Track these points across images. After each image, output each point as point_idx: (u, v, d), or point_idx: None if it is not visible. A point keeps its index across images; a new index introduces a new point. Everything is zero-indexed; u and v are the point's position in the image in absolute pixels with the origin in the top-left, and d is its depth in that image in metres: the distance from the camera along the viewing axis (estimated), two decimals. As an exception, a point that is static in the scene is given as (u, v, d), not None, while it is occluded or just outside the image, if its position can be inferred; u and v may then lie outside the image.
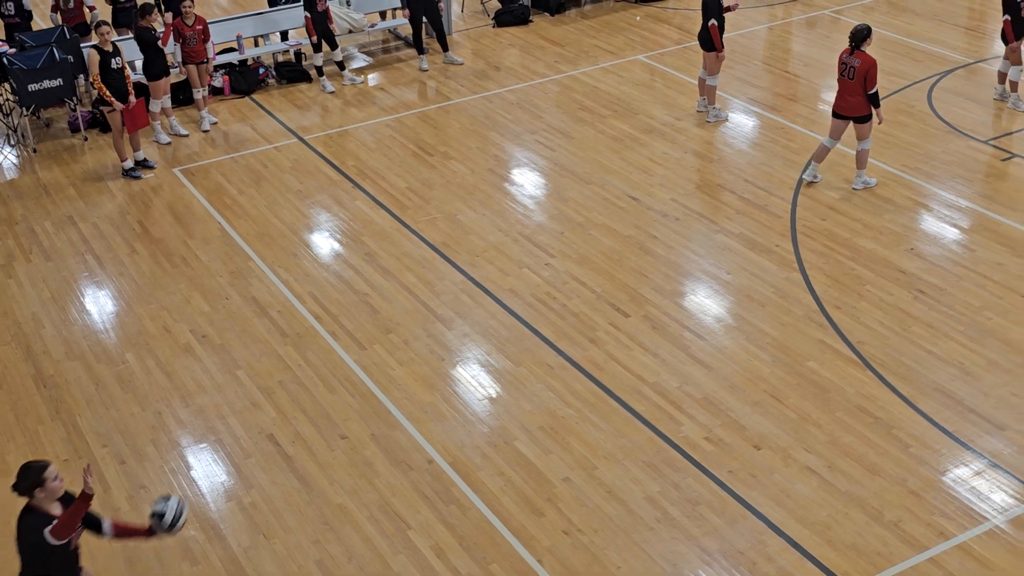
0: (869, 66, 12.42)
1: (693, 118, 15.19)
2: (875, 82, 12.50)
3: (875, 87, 12.53)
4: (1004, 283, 11.32)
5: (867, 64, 12.42)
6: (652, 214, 12.96)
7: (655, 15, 19.00)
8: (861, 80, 12.47)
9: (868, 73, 12.43)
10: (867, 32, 12.50)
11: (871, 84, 12.49)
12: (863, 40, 12.48)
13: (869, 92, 12.53)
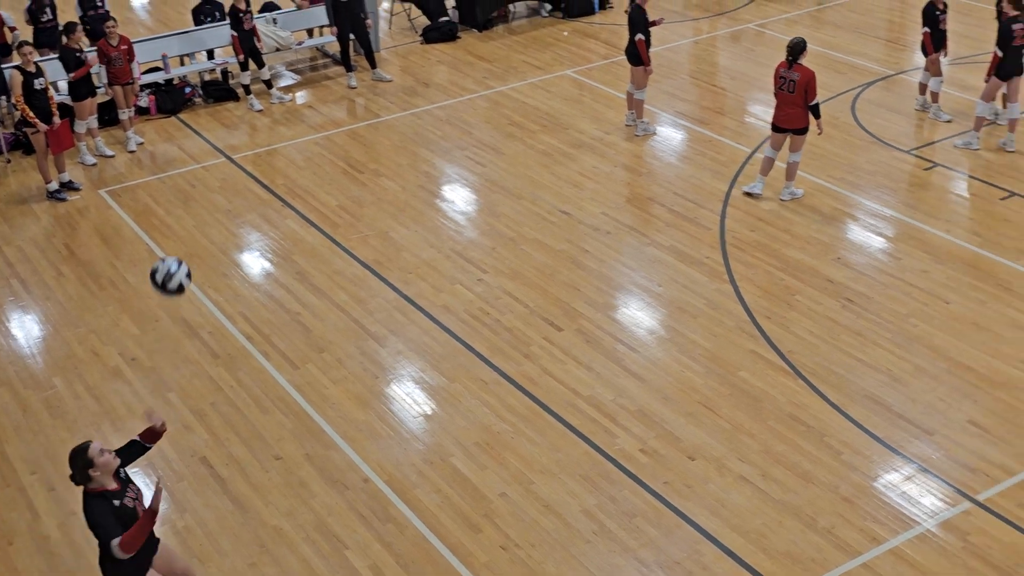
0: (809, 78, 12.63)
1: (622, 132, 15.30)
2: (815, 93, 12.71)
3: (816, 98, 12.73)
4: (929, 290, 11.52)
5: (807, 76, 12.63)
6: (583, 228, 13.03)
7: (582, 30, 19.13)
8: (802, 92, 12.66)
9: (808, 85, 12.63)
10: (804, 45, 12.69)
11: (812, 96, 12.69)
12: (800, 53, 12.67)
13: (811, 104, 12.72)
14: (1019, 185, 13.37)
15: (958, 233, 12.54)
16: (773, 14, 19.27)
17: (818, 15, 19.24)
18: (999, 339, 10.72)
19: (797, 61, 12.68)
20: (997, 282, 11.60)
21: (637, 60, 14.74)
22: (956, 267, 11.90)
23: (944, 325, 10.97)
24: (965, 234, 12.53)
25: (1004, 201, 13.11)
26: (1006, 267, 11.84)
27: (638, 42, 14.56)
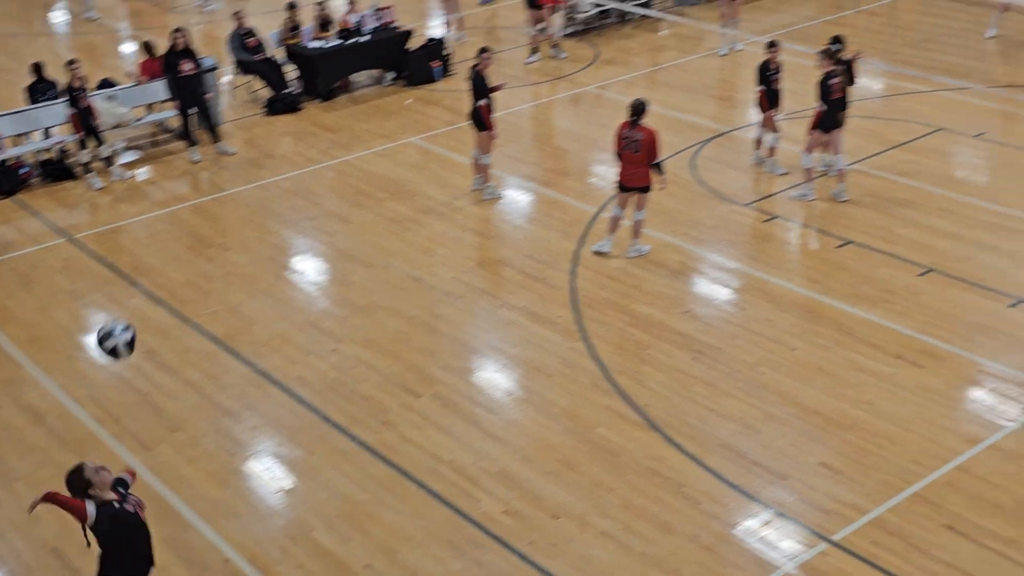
0: (652, 137, 12.95)
1: (469, 197, 15.44)
2: (658, 152, 13.04)
3: (658, 157, 13.06)
4: (775, 338, 11.87)
5: (650, 136, 12.95)
6: (436, 293, 13.06)
7: (425, 98, 19.30)
8: (646, 151, 12.98)
9: (652, 144, 12.95)
10: (645, 106, 13.02)
11: (655, 154, 13.01)
12: (642, 113, 12.99)
13: (654, 162, 13.04)
14: (853, 233, 13.91)
15: (799, 281, 12.97)
16: (611, 76, 19.76)
17: (653, 76, 19.80)
18: (843, 382, 11.08)
19: (639, 121, 13.02)
20: (838, 327, 12.01)
21: (481, 125, 14.94)
22: (799, 315, 12.29)
23: (791, 371, 11.30)
24: (805, 282, 12.96)
25: (839, 249, 13.61)
26: (845, 312, 12.27)
27: (481, 107, 14.76)
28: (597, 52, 21.07)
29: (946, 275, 12.90)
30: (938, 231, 13.89)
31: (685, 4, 23.50)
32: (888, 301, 12.44)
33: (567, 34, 21.99)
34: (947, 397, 10.83)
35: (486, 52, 14.92)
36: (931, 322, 12.01)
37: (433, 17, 23.51)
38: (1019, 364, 11.24)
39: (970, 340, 11.69)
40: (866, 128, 16.79)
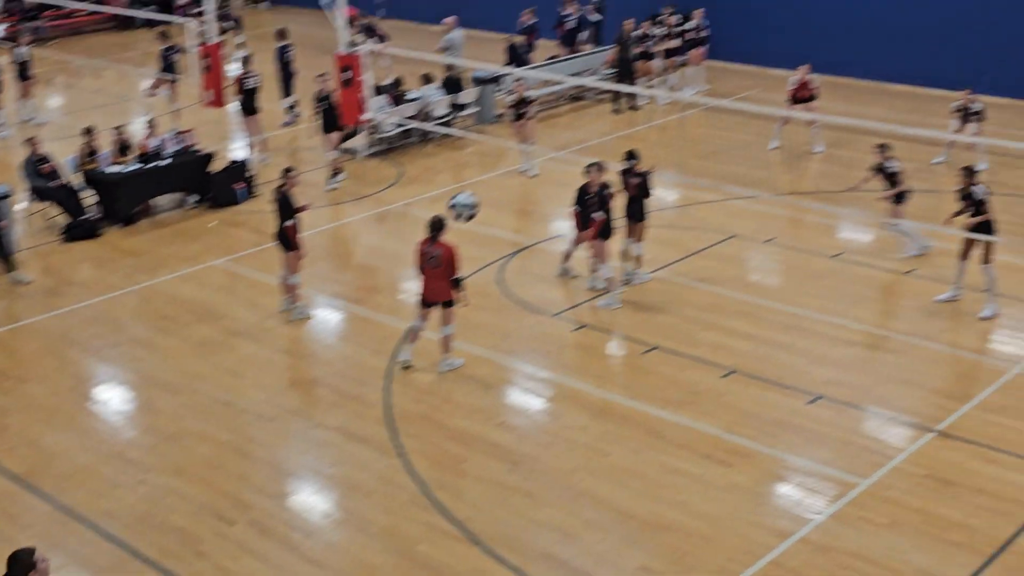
0: (452, 253, 13.10)
1: (278, 318, 15.27)
2: (458, 267, 13.20)
3: (459, 272, 13.21)
4: (589, 445, 12.04)
5: (449, 251, 13.09)
6: (248, 416, 12.80)
7: (229, 220, 19.11)
8: (446, 267, 13.10)
9: (451, 259, 13.09)
10: (444, 222, 13.21)
11: (455, 270, 13.16)
12: (441, 230, 13.15)
13: (453, 278, 13.18)
14: (658, 338, 14.31)
15: (609, 388, 13.23)
16: (415, 194, 19.99)
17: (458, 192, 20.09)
18: (657, 484, 11.29)
19: (438, 238, 13.17)
20: (648, 430, 12.27)
21: (288, 245, 14.86)
22: (611, 420, 12.51)
23: (606, 476, 11.46)
24: (616, 388, 13.24)
25: (646, 354, 13.98)
26: (655, 416, 12.56)
27: (288, 228, 14.71)
28: (401, 171, 21.32)
29: (747, 375, 13.37)
30: (737, 333, 14.43)
31: (485, 122, 24.07)
32: (694, 403, 12.80)
33: (371, 153, 22.20)
34: (755, 493, 11.15)
35: (291, 172, 14.93)
36: (736, 421, 12.40)
37: (235, 139, 23.41)
38: (820, 458, 11.69)
39: (773, 437, 12.11)
40: (665, 237, 17.41)
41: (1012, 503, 10.86)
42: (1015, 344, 14.06)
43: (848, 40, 26.83)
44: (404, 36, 31.18)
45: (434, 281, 13.28)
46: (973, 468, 11.45)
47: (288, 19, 35.85)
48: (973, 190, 14.38)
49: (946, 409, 12.55)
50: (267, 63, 24.90)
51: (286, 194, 14.77)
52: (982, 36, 25.00)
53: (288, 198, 14.76)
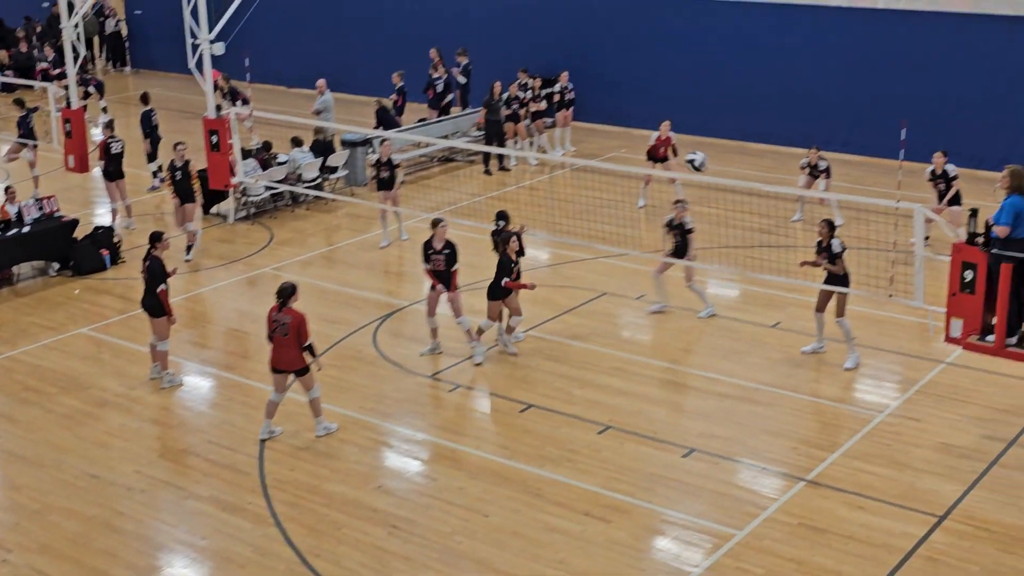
0: (300, 321, 12.91)
1: (147, 386, 14.92)
2: (308, 334, 13.00)
3: (309, 339, 13.02)
4: (468, 506, 11.99)
5: (298, 319, 12.90)
6: (116, 489, 12.44)
7: (95, 287, 18.65)
8: (295, 334, 12.91)
9: (300, 327, 12.90)
10: (293, 289, 13.01)
11: (304, 337, 12.97)
12: (290, 297, 12.96)
13: (304, 345, 13.00)
14: (534, 397, 14.37)
15: (487, 448, 13.22)
16: (287, 257, 19.82)
17: (330, 255, 20.02)
18: (536, 544, 11.29)
19: (287, 304, 12.98)
20: (527, 489, 12.29)
21: (158, 311, 14.56)
22: (489, 480, 12.49)
23: (486, 538, 11.41)
24: (493, 448, 13.23)
25: (522, 413, 14.02)
26: (533, 474, 12.59)
27: (160, 293, 14.43)
28: (272, 234, 21.13)
29: (623, 431, 13.51)
30: (612, 389, 14.58)
31: (356, 185, 24.03)
32: (572, 460, 12.87)
33: (241, 217, 21.96)
34: (634, 548, 11.23)
35: (162, 237, 14.68)
36: (613, 477, 12.50)
37: (99, 205, 22.94)
38: (696, 511, 11.84)
39: (650, 491, 12.23)
40: (537, 296, 17.53)
41: (881, 548, 11.13)
42: (878, 393, 14.49)
43: (708, 101, 27.60)
44: (271, 99, 31.05)
45: (283, 349, 13.04)
46: (843, 515, 11.72)
47: (150, 83, 35.44)
48: (832, 243, 14.84)
49: (815, 458, 12.84)
50: (131, 127, 24.52)
51: (158, 259, 14.51)
52: (834, 98, 25.96)
53: (160, 263, 14.50)
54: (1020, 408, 13.80)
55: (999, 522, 11.56)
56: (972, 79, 24.37)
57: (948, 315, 12.80)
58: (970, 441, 13.17)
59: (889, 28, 25.36)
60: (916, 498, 12.02)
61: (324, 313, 17.18)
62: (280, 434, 13.48)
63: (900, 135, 17.27)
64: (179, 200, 19.71)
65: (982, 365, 14.60)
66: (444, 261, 15.24)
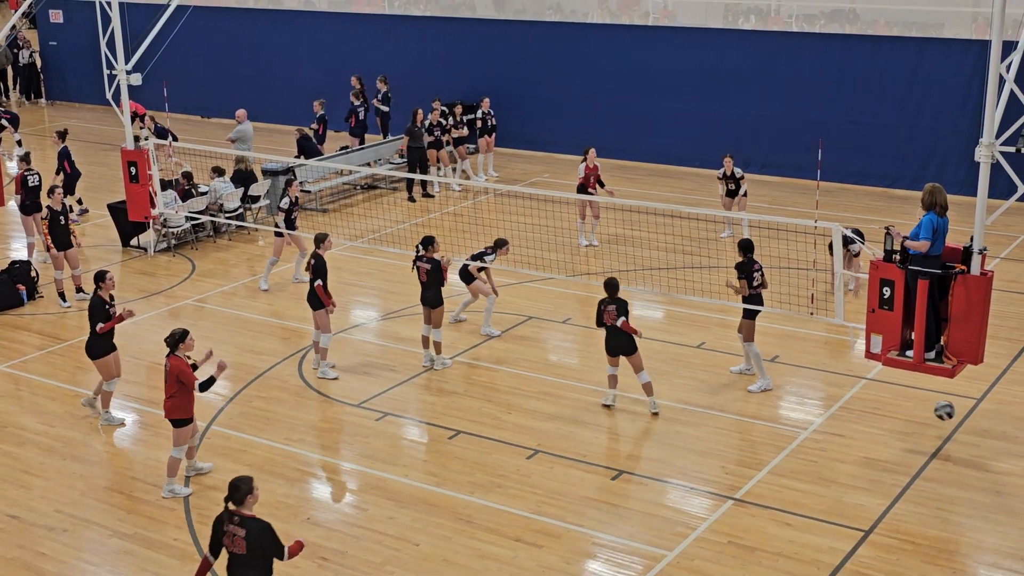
0: (177, 369, 12.38)
1: (68, 423, 14.64)
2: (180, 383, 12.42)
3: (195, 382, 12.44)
4: (398, 535, 11.90)
5: (175, 367, 12.38)
6: (37, 530, 12.17)
7: (11, 323, 18.28)
8: (174, 382, 12.43)
9: (181, 374, 12.37)
10: (182, 336, 12.47)
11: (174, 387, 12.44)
12: (177, 344, 12.44)
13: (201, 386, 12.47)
14: (462, 423, 14.34)
15: (415, 476, 13.14)
16: (209, 289, 19.60)
17: (253, 285, 19.82)
18: (468, 571, 11.24)
19: (172, 353, 12.50)
20: (457, 516, 12.23)
21: (96, 352, 14.27)
22: (419, 508, 12.42)
23: (417, 567, 11.34)
24: (422, 476, 13.16)
25: (451, 440, 13.98)
26: (463, 501, 12.54)
27: (100, 330, 14.13)
28: (193, 265, 20.89)
29: (552, 455, 13.51)
30: (540, 413, 14.59)
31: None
32: (501, 486, 12.84)
33: (162, 249, 21.69)
34: (566, 573, 11.22)
35: (105, 277, 14.23)
36: (543, 501, 12.49)
37: (15, 239, 22.52)
38: (627, 533, 11.87)
39: (581, 514, 12.24)
40: (463, 321, 17.54)
41: (809, 564, 11.24)
42: (802, 410, 14.67)
43: (628, 126, 27.87)
44: (190, 130, 30.76)
45: (167, 399, 12.64)
46: (771, 532, 11.82)
47: (67, 114, 34.99)
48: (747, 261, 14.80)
49: (742, 476, 12.95)
50: (47, 160, 24.13)
51: (99, 298, 14.20)
52: (752, 120, 26.35)
53: (99, 302, 14.20)
54: (940, 421, 14.05)
55: (923, 534, 11.74)
56: (885, 100, 24.90)
57: (868, 331, 13.03)
58: (893, 455, 13.37)
59: (804, 51, 25.84)
60: (842, 513, 12.16)
61: (248, 344, 17.01)
62: (209, 470, 13.29)
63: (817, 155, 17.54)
64: (56, 247, 18.49)
65: (902, 380, 14.85)
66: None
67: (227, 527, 9.26)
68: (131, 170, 20.06)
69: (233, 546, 9.20)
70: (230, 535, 9.20)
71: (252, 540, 9.11)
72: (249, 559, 9.14)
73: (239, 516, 9.23)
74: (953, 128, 23.99)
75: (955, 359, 12.66)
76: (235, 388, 15.50)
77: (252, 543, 9.10)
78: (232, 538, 9.19)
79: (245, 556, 9.13)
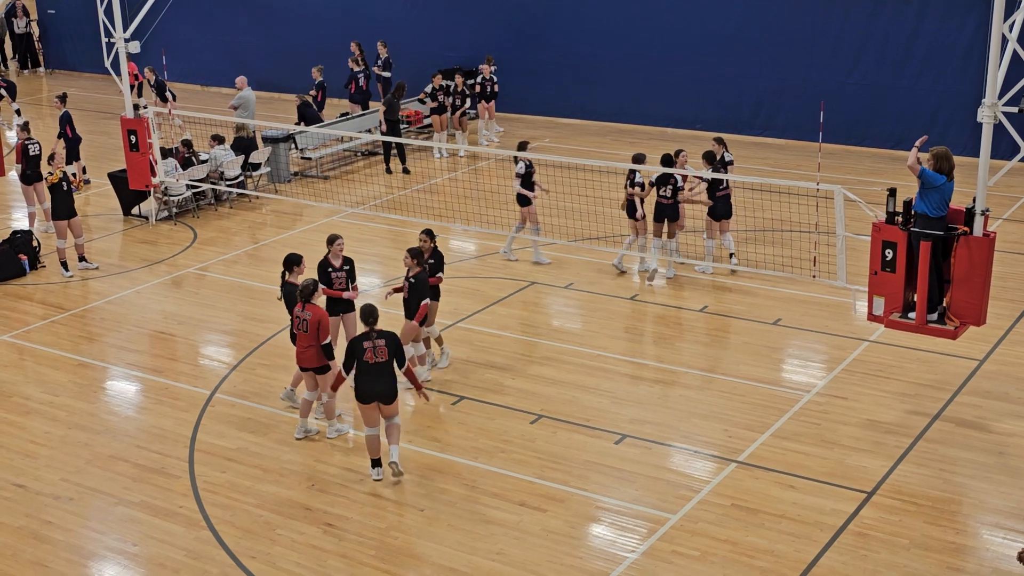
0: (320, 317, 12.68)
1: (69, 392, 14.68)
2: (328, 333, 12.77)
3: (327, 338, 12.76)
4: (402, 501, 11.96)
5: (318, 316, 12.66)
6: (43, 499, 12.22)
7: (14, 293, 18.30)
8: (315, 331, 12.69)
9: (320, 324, 12.66)
10: (314, 287, 12.78)
11: (324, 335, 12.73)
12: (312, 295, 12.72)
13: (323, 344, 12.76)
14: (466, 389, 14.36)
15: (420, 441, 13.18)
16: (211, 257, 19.59)
17: (256, 253, 19.82)
18: (473, 536, 11.29)
19: (310, 301, 12.72)
20: (461, 482, 12.28)
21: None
22: (424, 474, 12.46)
23: (422, 532, 11.39)
24: (426, 441, 13.19)
25: (455, 406, 14.01)
26: (467, 466, 12.58)
27: None
28: (195, 233, 20.88)
29: (555, 419, 13.55)
30: (543, 379, 14.62)
31: (279, 181, 23.82)
32: (505, 451, 12.88)
33: (163, 217, 21.67)
34: (571, 536, 11.27)
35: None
36: (547, 466, 12.53)
37: (16, 209, 22.51)
38: (631, 496, 11.91)
39: (584, 479, 12.28)
40: (466, 287, 17.54)
41: (812, 526, 11.29)
42: (805, 373, 14.69)
43: (629, 88, 27.76)
44: (189, 98, 30.67)
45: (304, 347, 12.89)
46: (774, 495, 11.86)
47: (65, 83, 34.86)
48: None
49: (745, 439, 12.99)
50: (46, 129, 24.06)
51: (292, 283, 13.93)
52: (754, 82, 26.23)
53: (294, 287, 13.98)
54: (942, 383, 14.08)
55: (926, 495, 11.78)
56: (887, 61, 24.78)
57: (870, 293, 13.03)
58: (896, 417, 13.40)
59: (806, 12, 25.67)
60: (845, 475, 12.20)
61: (251, 312, 17.02)
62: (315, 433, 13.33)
63: (819, 118, 17.48)
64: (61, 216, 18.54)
65: (905, 342, 14.87)
66: (346, 279, 14.15)
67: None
68: (131, 138, 20.00)
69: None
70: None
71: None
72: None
73: (376, 332, 11.93)
74: (955, 89, 23.88)
75: (957, 321, 12.66)
76: (238, 356, 15.52)
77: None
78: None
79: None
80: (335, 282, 14.03)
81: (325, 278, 13.96)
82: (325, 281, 13.95)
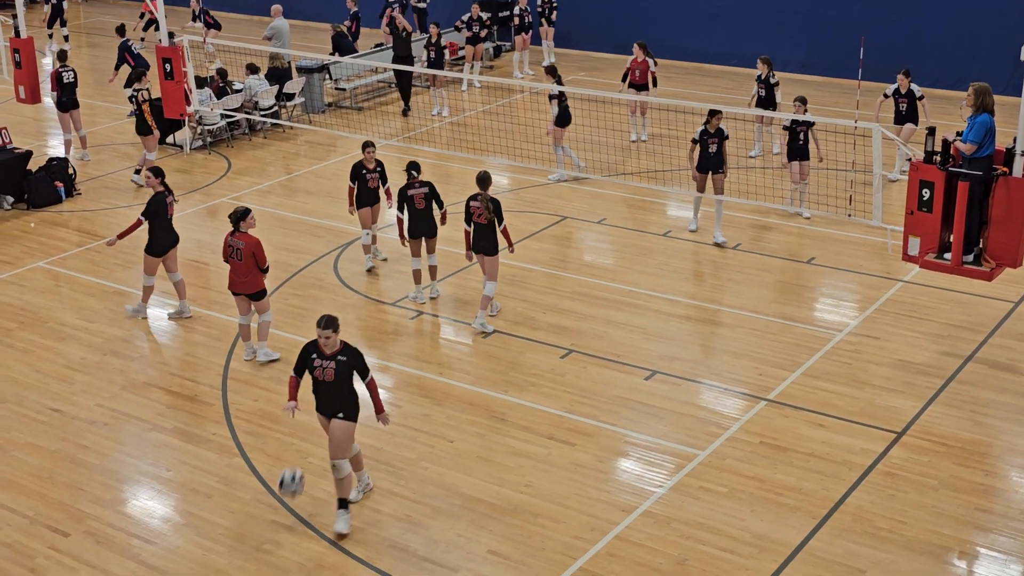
0: (254, 245, 12.93)
1: (105, 319, 14.82)
2: (264, 259, 13.06)
3: (266, 263, 13.10)
4: (433, 432, 12.04)
5: (252, 244, 12.92)
6: (79, 423, 12.39)
7: (50, 220, 18.43)
8: (250, 258, 12.94)
9: (256, 251, 12.94)
10: (244, 213, 13.01)
11: (262, 262, 13.01)
12: (241, 220, 12.96)
13: (262, 268, 13.03)
14: (497, 323, 14.39)
15: (451, 374, 13.25)
16: (245, 187, 19.63)
17: (289, 184, 19.85)
18: (502, 468, 11.37)
19: (239, 229, 12.99)
20: (492, 415, 12.35)
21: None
22: (454, 406, 12.54)
23: (452, 463, 11.48)
24: (457, 374, 13.26)
25: (486, 339, 14.04)
26: (497, 399, 12.64)
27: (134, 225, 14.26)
28: (229, 163, 20.91)
29: (585, 354, 13.57)
30: (574, 313, 14.62)
31: (313, 112, 23.78)
32: (535, 385, 12.93)
33: (197, 147, 21.70)
34: (598, 471, 11.33)
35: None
36: (577, 400, 12.58)
37: (52, 136, 22.59)
38: (659, 432, 11.95)
39: (614, 414, 12.32)
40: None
41: (841, 465, 11.29)
42: (837, 312, 14.62)
43: (665, 23, 27.44)
44: (225, 26, 30.54)
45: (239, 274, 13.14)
46: (803, 433, 11.86)
47: (101, 12, 34.80)
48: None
49: (776, 378, 12.97)
50: (81, 58, 24.04)
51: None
52: (792, 18, 25.87)
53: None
54: (976, 324, 13.98)
55: (956, 437, 11.75)
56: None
57: (906, 233, 12.91)
58: (928, 358, 13.33)
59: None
60: (875, 415, 12.18)
61: (284, 242, 17.08)
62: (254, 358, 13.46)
63: (859, 55, 17.22)
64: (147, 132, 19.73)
65: (939, 283, 14.75)
66: (379, 179, 15.73)
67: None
68: (166, 67, 19.98)
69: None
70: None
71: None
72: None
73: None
74: (997, 26, 23.45)
75: (993, 262, 12.54)
76: (271, 286, 15.60)
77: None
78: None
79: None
80: (369, 181, 15.64)
81: (360, 178, 15.59)
82: (360, 180, 15.57)
